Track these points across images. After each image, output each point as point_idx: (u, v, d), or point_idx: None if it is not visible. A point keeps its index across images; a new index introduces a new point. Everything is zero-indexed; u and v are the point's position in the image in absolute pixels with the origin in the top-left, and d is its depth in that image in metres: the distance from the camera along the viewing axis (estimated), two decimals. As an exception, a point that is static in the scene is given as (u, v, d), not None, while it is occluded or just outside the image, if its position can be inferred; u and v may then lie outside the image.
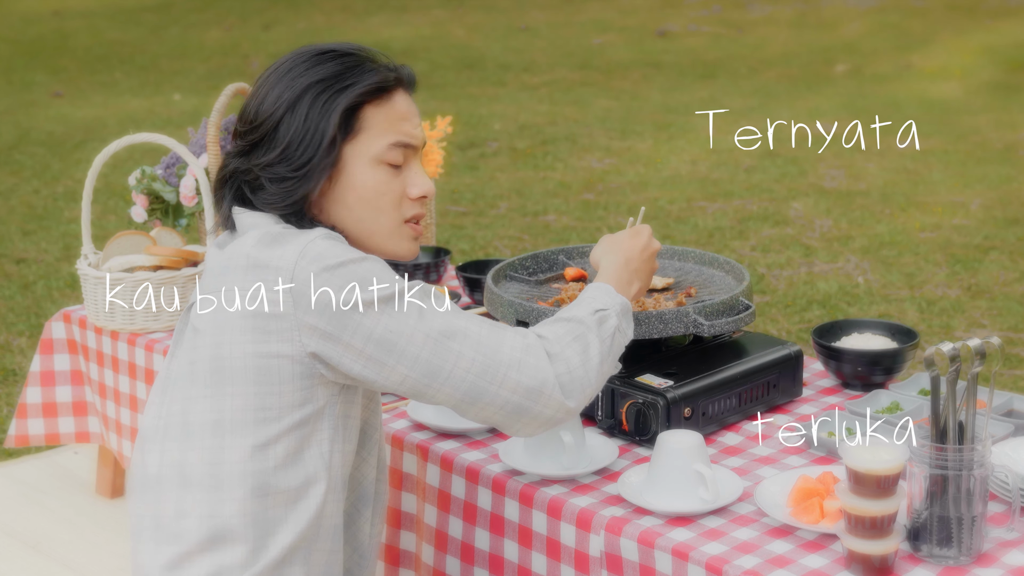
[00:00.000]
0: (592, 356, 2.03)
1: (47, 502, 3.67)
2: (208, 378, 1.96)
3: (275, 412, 1.94)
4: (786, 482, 2.18)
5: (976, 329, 5.20)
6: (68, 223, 6.94)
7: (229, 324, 1.94)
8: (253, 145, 2.03)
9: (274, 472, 1.95)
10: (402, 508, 2.50)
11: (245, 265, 1.95)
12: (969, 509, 1.94)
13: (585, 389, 2.02)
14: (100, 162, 3.11)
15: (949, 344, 1.95)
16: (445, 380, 1.96)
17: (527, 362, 1.97)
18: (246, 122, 2.05)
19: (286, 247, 1.93)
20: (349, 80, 2.03)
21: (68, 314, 3.36)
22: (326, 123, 2.01)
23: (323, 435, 1.99)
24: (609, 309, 2.11)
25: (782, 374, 2.57)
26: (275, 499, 1.96)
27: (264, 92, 2.04)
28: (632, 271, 2.25)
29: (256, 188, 2.03)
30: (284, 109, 2.01)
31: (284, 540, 1.96)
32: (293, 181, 2.01)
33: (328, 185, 2.04)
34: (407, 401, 2.63)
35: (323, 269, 1.91)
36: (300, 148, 2.00)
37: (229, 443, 1.95)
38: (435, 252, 3.48)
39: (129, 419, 3.19)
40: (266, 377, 1.93)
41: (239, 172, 2.05)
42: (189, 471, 1.97)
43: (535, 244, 6.51)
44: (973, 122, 9.16)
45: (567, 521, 2.19)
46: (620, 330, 2.11)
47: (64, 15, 15.50)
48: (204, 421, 1.96)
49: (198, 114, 9.27)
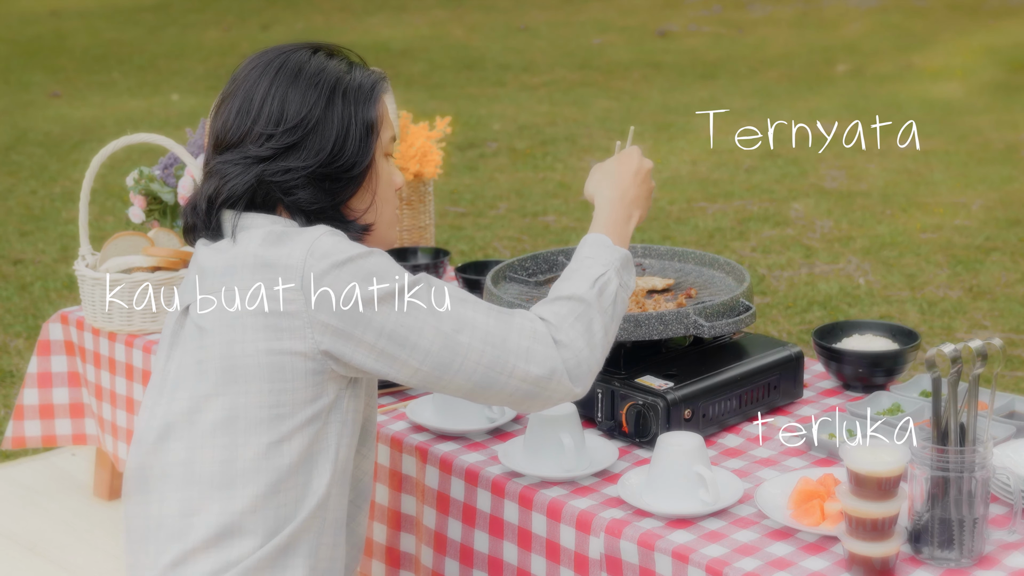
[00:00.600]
0: (596, 334, 2.06)
1: (44, 504, 3.67)
2: (220, 376, 1.97)
3: (288, 408, 1.96)
4: (787, 484, 2.18)
5: (978, 330, 5.20)
6: (66, 224, 6.94)
7: (240, 323, 1.96)
8: (287, 148, 2.01)
9: (287, 468, 1.97)
10: (402, 510, 2.50)
11: (253, 265, 1.96)
12: (971, 511, 1.94)
13: (592, 370, 2.06)
14: (98, 163, 3.11)
15: (950, 345, 1.95)
16: (456, 372, 1.98)
17: (535, 351, 2.00)
18: (270, 124, 2.01)
19: (293, 245, 1.95)
20: (359, 78, 2.08)
21: (65, 315, 3.36)
22: (364, 121, 2.05)
23: (331, 429, 2.02)
24: (608, 270, 2.12)
25: (783, 375, 2.57)
26: (286, 495, 1.98)
27: (279, 92, 2.02)
28: (629, 202, 2.26)
29: (290, 190, 2.02)
30: (320, 109, 2.02)
31: (291, 533, 1.98)
32: (343, 182, 2.04)
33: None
34: (406, 403, 2.64)
35: (332, 266, 1.93)
36: (347, 147, 2.03)
37: (243, 440, 1.96)
38: (434, 253, 3.47)
39: (125, 421, 3.19)
40: (279, 374, 1.95)
41: (268, 176, 2.01)
42: (198, 469, 1.98)
43: (535, 245, 6.51)
44: (975, 122, 9.16)
45: (567, 523, 2.19)
46: (622, 285, 2.13)
47: (62, 15, 15.50)
48: (216, 419, 1.97)
49: (196, 114, 9.27)
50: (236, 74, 2.09)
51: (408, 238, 3.59)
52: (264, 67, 2.06)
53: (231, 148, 2.04)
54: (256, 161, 2.01)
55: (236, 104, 2.05)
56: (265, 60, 2.07)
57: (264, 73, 2.05)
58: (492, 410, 2.50)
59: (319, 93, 2.03)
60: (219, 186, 2.02)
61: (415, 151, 3.54)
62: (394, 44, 13.15)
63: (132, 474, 2.08)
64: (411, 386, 2.05)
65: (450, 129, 3.70)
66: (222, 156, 2.05)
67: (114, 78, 11.56)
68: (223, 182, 2.02)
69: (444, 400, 2.49)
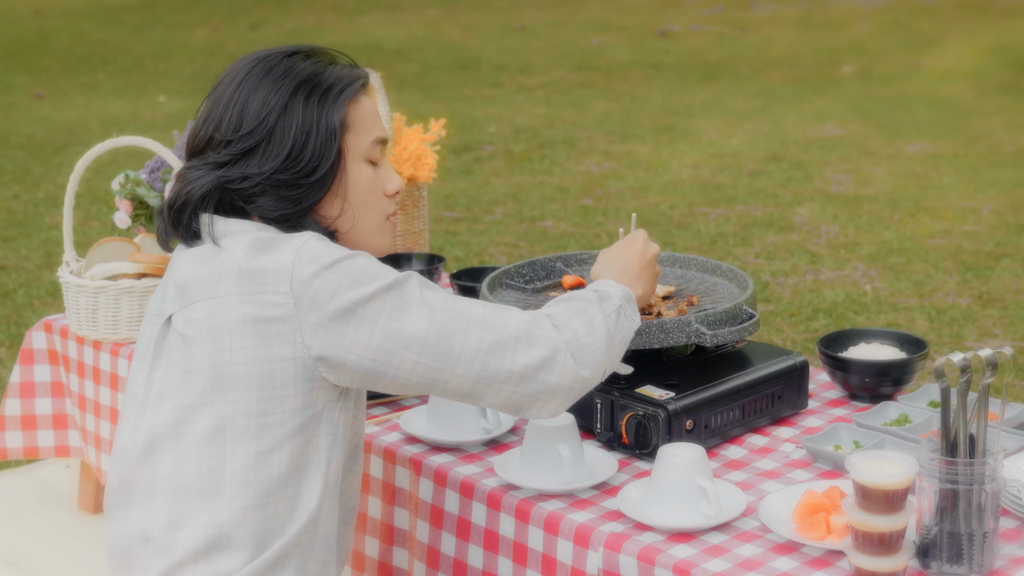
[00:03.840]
0: (597, 327, 2.07)
1: (28, 517, 3.67)
2: (207, 386, 1.98)
3: (277, 417, 1.97)
4: (791, 497, 2.18)
5: (987, 339, 5.21)
6: (49, 229, 6.95)
7: (227, 331, 1.97)
8: (244, 154, 2.03)
9: (276, 479, 1.98)
10: (395, 524, 2.50)
11: (240, 271, 1.97)
12: (980, 525, 1.94)
13: (596, 357, 2.06)
14: (82, 166, 3.11)
15: (960, 354, 1.96)
16: (456, 362, 1.99)
17: (535, 334, 2.02)
18: (229, 131, 2.04)
19: (280, 251, 1.97)
20: (330, 79, 2.08)
21: (49, 323, 3.36)
22: (327, 124, 2.05)
23: (321, 441, 2.03)
24: (610, 292, 2.16)
25: (787, 385, 2.57)
26: (275, 507, 1.99)
27: (242, 98, 2.04)
28: (633, 277, 2.29)
29: (250, 198, 2.03)
30: (277, 113, 2.03)
31: (281, 547, 1.99)
32: (303, 188, 2.04)
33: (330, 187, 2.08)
34: (399, 413, 2.64)
35: (321, 268, 1.95)
36: (306, 152, 2.03)
37: (231, 450, 1.97)
38: (428, 259, 3.48)
39: (109, 432, 3.19)
40: (268, 381, 1.96)
41: (226, 183, 2.03)
42: (186, 481, 1.99)
43: (532, 251, 6.52)
44: (984, 125, 9.18)
45: (564, 537, 2.19)
46: (624, 312, 2.14)
47: (45, 14, 15.51)
48: (203, 429, 1.98)
49: (183, 116, 9.28)
50: (216, 80, 2.13)
51: (402, 244, 3.60)
52: (237, 72, 2.09)
53: (198, 154, 2.09)
54: (215, 167, 2.05)
55: (205, 110, 2.09)
56: (241, 65, 2.09)
57: (235, 78, 2.08)
58: (488, 420, 2.50)
59: (279, 96, 2.04)
60: (180, 190, 2.07)
61: (409, 154, 3.54)
62: (387, 44, 13.17)
63: (115, 488, 2.08)
64: (409, 388, 2.04)
65: (445, 132, 3.71)
66: (190, 162, 2.09)
67: (99, 79, 11.57)
68: (184, 187, 2.06)
69: (438, 410, 2.49)
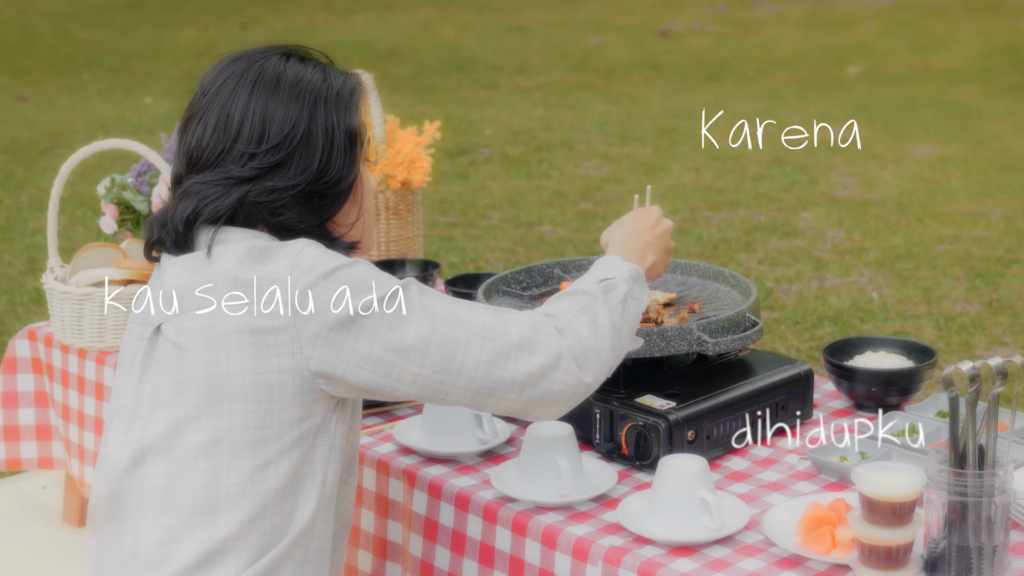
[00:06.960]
0: (602, 325, 2.06)
1: (11, 531, 3.66)
2: (202, 397, 1.97)
3: (275, 430, 1.97)
4: (795, 509, 2.18)
5: (997, 347, 5.21)
6: (33, 234, 6.94)
7: (224, 341, 1.96)
8: (271, 168, 2.02)
9: (273, 493, 1.98)
10: (388, 537, 2.50)
11: (235, 281, 1.96)
12: (990, 538, 1.94)
13: (600, 359, 2.05)
14: (67, 170, 3.11)
15: (969, 363, 1.96)
16: (458, 372, 1.99)
17: (537, 340, 2.01)
18: (251, 143, 2.01)
19: (276, 260, 1.96)
20: (337, 84, 2.09)
21: (33, 331, 3.35)
22: (347, 131, 2.07)
23: (319, 452, 2.02)
24: (616, 277, 2.14)
25: (791, 395, 2.57)
26: (271, 521, 1.99)
27: (259, 108, 2.02)
28: (643, 244, 2.28)
29: (276, 211, 2.02)
30: (305, 123, 2.03)
31: (274, 561, 1.99)
32: (329, 198, 2.06)
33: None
34: (393, 423, 2.64)
35: (319, 277, 1.95)
36: (334, 162, 2.05)
37: (227, 464, 1.96)
38: (423, 265, 3.48)
39: (93, 443, 3.18)
40: (267, 394, 1.96)
41: (252, 197, 2.01)
42: (179, 495, 1.98)
43: (529, 257, 6.52)
44: (994, 127, 9.19)
45: (562, 551, 2.19)
46: (632, 296, 2.14)
47: (28, 13, 15.51)
48: (198, 442, 1.97)
49: (171, 119, 9.28)
50: (206, 84, 2.08)
51: (396, 249, 3.59)
52: (239, 78, 2.05)
53: (209, 167, 2.03)
54: (239, 182, 2.01)
55: (212, 119, 2.04)
56: (238, 70, 2.06)
57: (240, 84, 2.04)
58: (484, 431, 2.50)
59: (301, 106, 2.04)
60: (198, 207, 2.02)
61: (403, 158, 3.54)
62: (380, 45, 13.17)
63: (101, 502, 2.07)
64: (410, 399, 2.04)
65: (440, 134, 3.71)
66: (200, 176, 2.04)
67: (84, 80, 11.57)
68: (203, 203, 2.01)
69: (433, 421, 2.49)
